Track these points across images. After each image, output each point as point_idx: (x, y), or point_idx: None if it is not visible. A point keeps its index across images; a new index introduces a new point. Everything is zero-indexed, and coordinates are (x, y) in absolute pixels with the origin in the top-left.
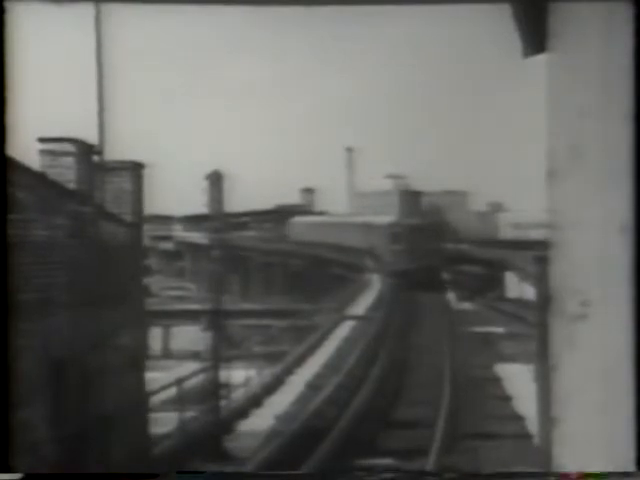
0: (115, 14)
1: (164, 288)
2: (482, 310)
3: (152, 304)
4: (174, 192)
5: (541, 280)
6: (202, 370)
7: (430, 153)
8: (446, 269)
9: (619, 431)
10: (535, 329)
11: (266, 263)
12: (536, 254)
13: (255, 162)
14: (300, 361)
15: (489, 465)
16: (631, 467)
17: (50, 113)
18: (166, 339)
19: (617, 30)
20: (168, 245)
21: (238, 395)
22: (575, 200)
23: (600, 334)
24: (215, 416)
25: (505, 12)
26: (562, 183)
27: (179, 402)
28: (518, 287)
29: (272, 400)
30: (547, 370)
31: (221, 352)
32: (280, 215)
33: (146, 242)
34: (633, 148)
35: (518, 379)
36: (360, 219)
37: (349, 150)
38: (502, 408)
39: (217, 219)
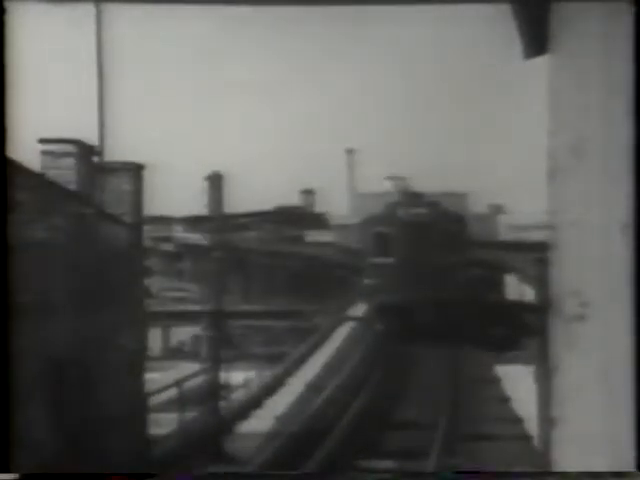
0: (115, 14)
1: (164, 289)
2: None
3: (152, 305)
4: (174, 193)
5: (541, 282)
6: (202, 371)
7: (430, 154)
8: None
9: (619, 431)
10: (535, 330)
11: (266, 264)
12: (536, 256)
13: (255, 163)
14: (300, 362)
15: (489, 466)
16: (631, 467)
17: (50, 114)
18: (166, 340)
19: (617, 30)
20: (168, 246)
21: (238, 396)
22: (576, 200)
23: (600, 335)
24: (215, 417)
25: (506, 13)
26: (563, 183)
27: (179, 403)
28: (518, 289)
29: (272, 401)
30: (547, 371)
31: (221, 353)
32: (280, 216)
33: (146, 243)
34: (634, 148)
35: (518, 380)
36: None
37: (349, 151)
38: (502, 409)
39: (217, 220)
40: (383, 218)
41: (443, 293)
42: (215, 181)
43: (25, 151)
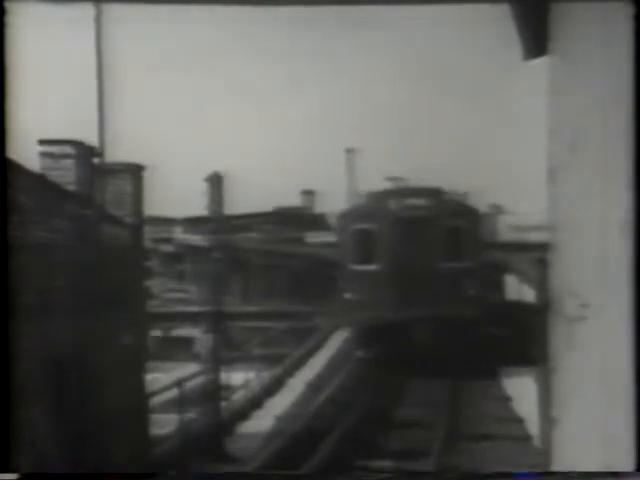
0: (115, 14)
1: (165, 290)
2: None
3: (153, 306)
4: (174, 194)
5: (541, 282)
6: (202, 372)
7: (430, 155)
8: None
9: (619, 431)
10: (535, 331)
11: (266, 265)
12: (536, 256)
13: (255, 164)
14: (300, 363)
15: (489, 465)
16: (630, 467)
17: (50, 115)
18: (167, 341)
19: (617, 30)
20: (168, 247)
21: (238, 396)
22: (575, 201)
23: (599, 335)
24: (215, 417)
25: (506, 14)
26: (562, 184)
27: (179, 404)
28: (518, 289)
29: (272, 402)
30: (547, 371)
31: (221, 354)
32: (280, 217)
33: (146, 244)
34: (633, 148)
35: (518, 381)
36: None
37: (349, 152)
38: (502, 409)
39: (217, 221)
40: (367, 211)
41: (447, 311)
42: (215, 182)
43: (25, 152)
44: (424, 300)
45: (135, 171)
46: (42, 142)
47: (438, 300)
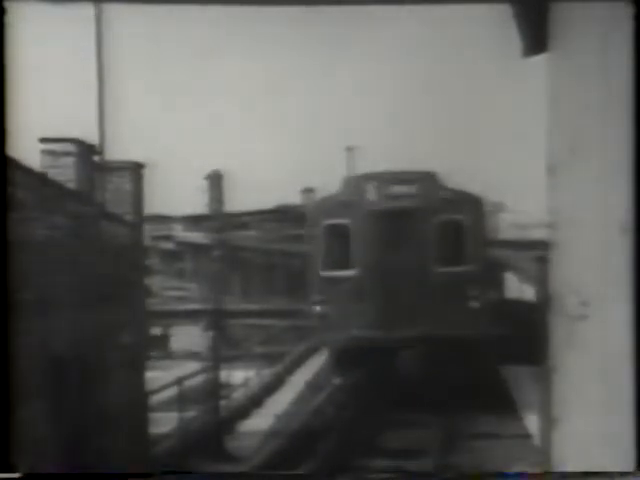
0: (115, 14)
1: (165, 288)
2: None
3: (153, 304)
4: (174, 192)
5: (541, 280)
6: (202, 370)
7: (430, 153)
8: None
9: (619, 431)
10: (535, 329)
11: (267, 263)
12: (537, 254)
13: (255, 162)
14: (300, 361)
15: (489, 465)
16: (631, 467)
17: (51, 113)
18: (167, 339)
19: (617, 30)
20: (168, 245)
21: (238, 395)
22: (575, 200)
23: (600, 334)
24: (215, 416)
25: (505, 12)
26: (562, 183)
27: (179, 402)
28: (518, 287)
29: (272, 400)
30: (547, 370)
31: (221, 352)
32: (280, 215)
33: (146, 242)
34: (633, 148)
35: (519, 379)
36: None
37: (349, 150)
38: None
39: (217, 219)
40: (342, 201)
41: (444, 329)
42: (215, 180)
43: (26, 150)
44: (414, 315)
45: (135, 169)
46: (43, 140)
47: (432, 315)
